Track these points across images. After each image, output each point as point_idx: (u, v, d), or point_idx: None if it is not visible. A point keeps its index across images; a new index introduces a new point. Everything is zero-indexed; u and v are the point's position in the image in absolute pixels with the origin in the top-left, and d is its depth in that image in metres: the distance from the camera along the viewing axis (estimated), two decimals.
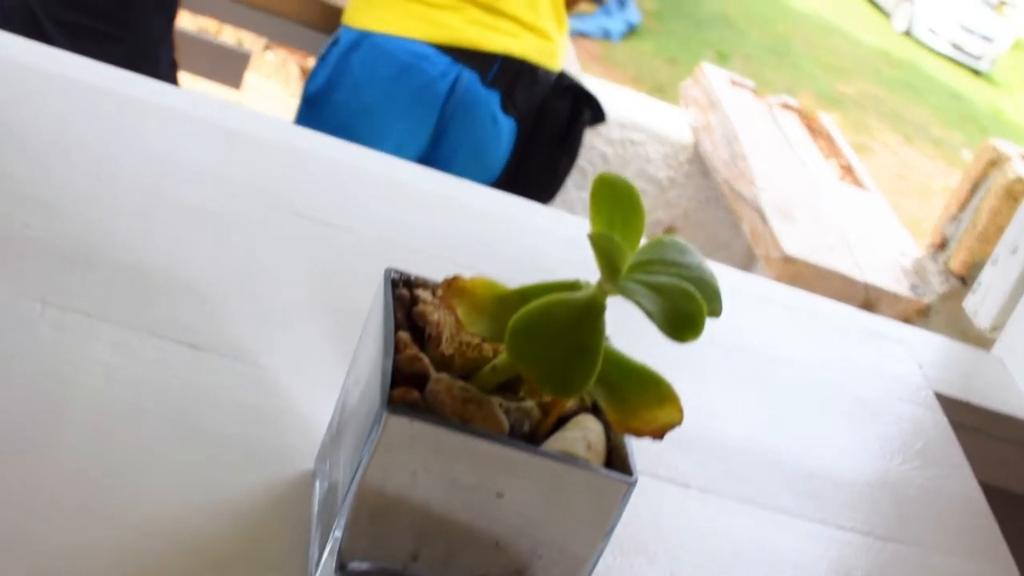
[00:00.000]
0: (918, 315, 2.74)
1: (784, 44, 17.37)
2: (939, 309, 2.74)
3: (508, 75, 2.39)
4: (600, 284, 0.63)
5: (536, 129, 2.54)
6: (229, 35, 4.48)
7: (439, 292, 0.69)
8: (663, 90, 13.35)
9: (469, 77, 2.35)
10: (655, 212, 3.29)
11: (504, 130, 2.46)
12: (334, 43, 2.43)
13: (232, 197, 1.00)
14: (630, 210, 0.65)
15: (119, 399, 0.75)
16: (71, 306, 0.80)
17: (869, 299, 2.67)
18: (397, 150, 2.31)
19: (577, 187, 3.20)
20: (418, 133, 2.39)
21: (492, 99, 2.40)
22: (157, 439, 0.73)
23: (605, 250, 0.62)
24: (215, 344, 0.83)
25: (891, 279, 2.77)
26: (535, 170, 2.55)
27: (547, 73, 2.47)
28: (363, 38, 2.34)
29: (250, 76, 4.84)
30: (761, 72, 15.62)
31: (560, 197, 3.11)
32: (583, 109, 2.59)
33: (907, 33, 21.12)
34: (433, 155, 2.41)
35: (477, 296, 0.66)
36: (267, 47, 5.27)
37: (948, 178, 14.75)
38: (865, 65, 18.04)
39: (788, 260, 2.53)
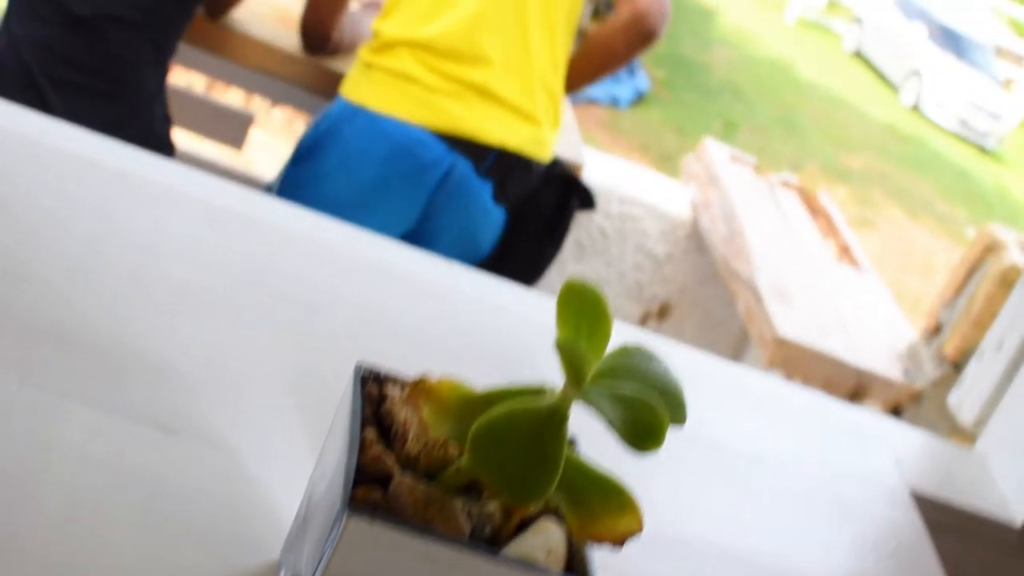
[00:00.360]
0: (910, 400, 2.74)
1: (792, 116, 17.43)
2: (931, 395, 2.74)
3: (503, 167, 2.39)
4: (564, 391, 0.63)
5: (525, 217, 2.54)
6: (236, 94, 4.50)
7: (407, 390, 0.69)
8: (669, 159, 13.39)
9: (464, 166, 2.35)
10: (651, 287, 3.29)
11: (494, 219, 2.46)
12: (330, 110, 2.44)
13: (215, 276, 1.00)
14: (597, 318, 0.66)
15: (88, 483, 0.75)
16: (48, 385, 0.81)
17: (861, 383, 2.67)
18: (381, 225, 2.31)
19: (575, 260, 3.21)
20: (405, 213, 2.39)
21: (485, 189, 2.40)
22: (124, 525, 0.74)
23: (570, 358, 0.62)
24: (188, 429, 0.83)
25: (884, 363, 2.77)
26: (521, 256, 2.56)
27: (540, 164, 2.47)
28: (360, 112, 2.35)
29: (256, 133, 4.86)
30: (768, 143, 15.68)
31: (556, 270, 3.12)
32: (572, 198, 2.60)
33: (915, 108, 21.20)
34: (418, 233, 2.41)
35: (443, 398, 0.67)
36: (274, 104, 5.30)
37: (951, 255, 14.76)
38: (872, 139, 18.10)
39: (781, 342, 2.54)
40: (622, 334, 0.87)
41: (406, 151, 2.32)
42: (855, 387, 2.67)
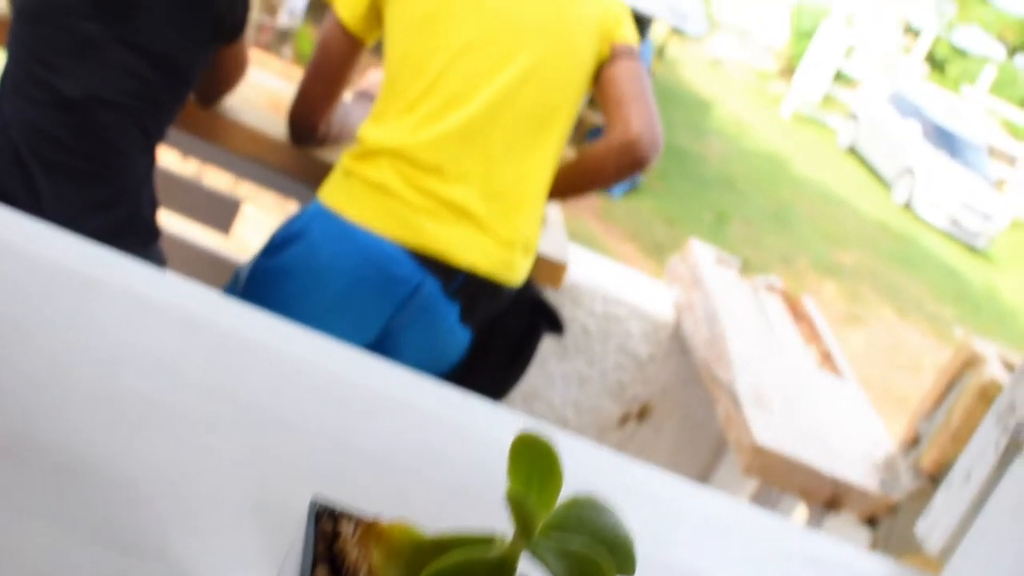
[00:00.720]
0: (886, 511, 2.74)
1: (785, 210, 17.51)
2: (907, 507, 2.74)
3: (471, 289, 2.38)
4: (513, 543, 0.64)
5: (491, 338, 2.54)
6: (226, 177, 4.51)
7: (359, 531, 0.70)
8: (660, 249, 13.44)
9: (432, 285, 2.34)
10: (633, 387, 3.29)
11: (460, 338, 2.46)
12: (307, 210, 2.44)
13: (182, 391, 1.00)
14: (548, 470, 0.66)
15: None
16: (6, 502, 0.81)
17: (837, 493, 2.67)
18: (345, 332, 2.30)
19: (558, 358, 3.22)
20: (370, 324, 2.38)
21: (452, 310, 2.39)
22: None
23: (520, 511, 0.63)
24: (146, 551, 0.83)
25: (861, 473, 2.77)
26: (486, 374, 2.55)
27: (510, 288, 2.47)
28: (334, 219, 2.33)
29: (249, 209, 4.87)
30: (760, 236, 15.74)
31: (537, 369, 3.13)
32: (541, 322, 2.60)
33: (907, 206, 21.30)
34: (383, 344, 2.40)
35: (394, 541, 0.67)
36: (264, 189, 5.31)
37: (939, 354, 14.77)
38: (864, 235, 18.18)
39: (758, 450, 2.54)
40: (596, 448, 0.88)
41: (375, 264, 2.31)
42: (831, 496, 2.67)
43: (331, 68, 2.58)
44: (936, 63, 26.84)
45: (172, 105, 2.47)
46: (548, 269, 2.88)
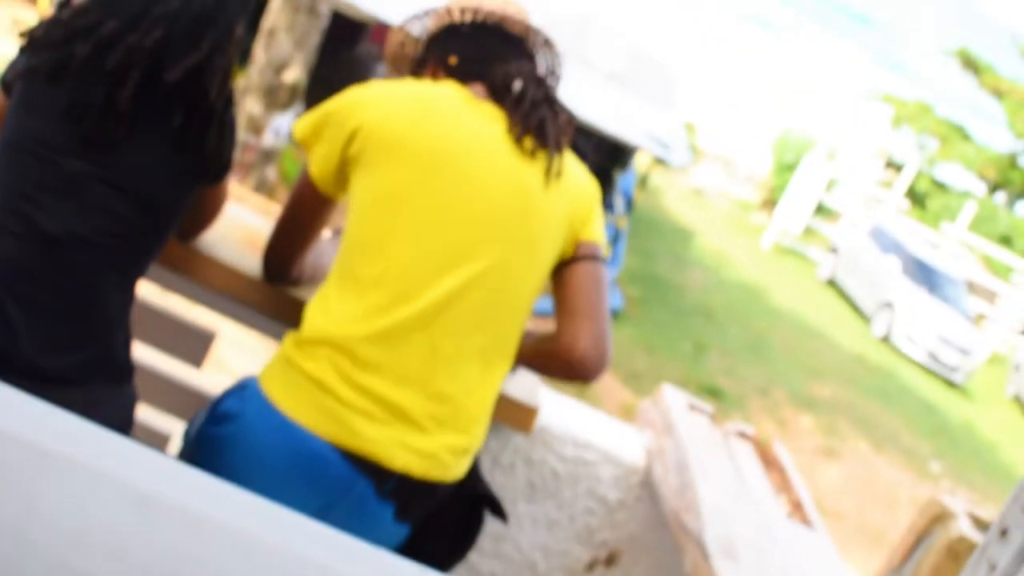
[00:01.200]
0: None
1: (762, 341, 17.58)
2: None
3: (406, 490, 2.32)
4: None
5: (429, 529, 2.48)
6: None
7: None
8: (638, 378, 13.47)
9: (365, 487, 2.28)
10: (602, 532, 3.28)
11: (395, 534, 2.37)
12: (249, 388, 2.39)
13: (135, 571, 1.00)
14: None
15: None
16: None
17: None
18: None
19: (526, 500, 3.20)
20: (300, 508, 2.33)
21: (386, 510, 2.31)
22: None
23: None
24: None
25: None
26: (427, 556, 2.49)
27: (447, 485, 2.42)
28: (269, 409, 2.30)
29: (228, 327, 4.86)
30: (738, 367, 15.78)
31: (508, 509, 3.11)
32: (482, 510, 2.54)
33: (885, 339, 21.43)
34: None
35: None
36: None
37: (916, 489, 14.77)
38: (841, 368, 18.24)
39: None
40: None
41: (306, 463, 2.23)
42: None
43: (301, 221, 2.57)
44: (917, 197, 27.10)
45: (152, 246, 2.47)
46: (519, 413, 2.86)
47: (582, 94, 15.94)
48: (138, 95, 2.35)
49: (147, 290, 2.65)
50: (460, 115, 2.37)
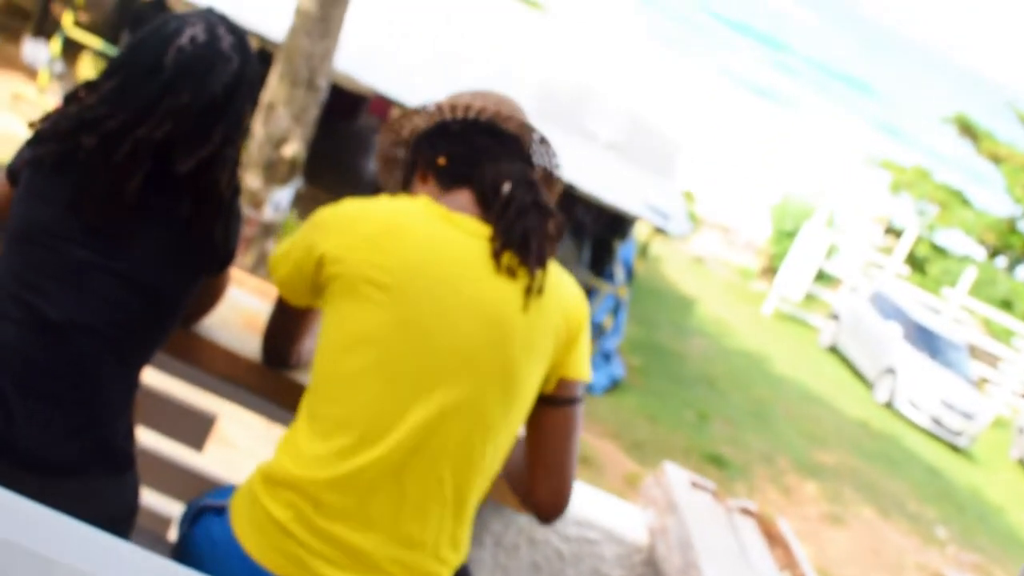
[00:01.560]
0: None
1: (765, 409, 17.55)
2: None
3: None
4: None
5: None
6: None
7: None
8: (641, 447, 13.45)
9: None
10: None
11: None
12: (214, 509, 2.37)
13: None
14: None
15: None
16: None
17: None
18: None
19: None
20: None
21: None
22: None
23: None
24: None
25: None
26: None
27: None
28: (235, 545, 2.26)
29: (232, 409, 4.84)
30: (741, 436, 15.74)
31: None
32: None
33: (888, 405, 21.40)
34: None
35: None
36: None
37: (922, 555, 14.71)
38: (844, 435, 18.20)
39: None
40: None
41: None
42: None
43: (288, 325, 2.57)
44: (917, 263, 27.14)
45: (156, 336, 2.46)
46: None
47: (581, 165, 16.01)
48: (145, 184, 2.36)
49: (147, 373, 2.64)
50: (430, 238, 2.28)
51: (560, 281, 2.35)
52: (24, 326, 2.32)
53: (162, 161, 2.36)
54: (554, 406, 2.35)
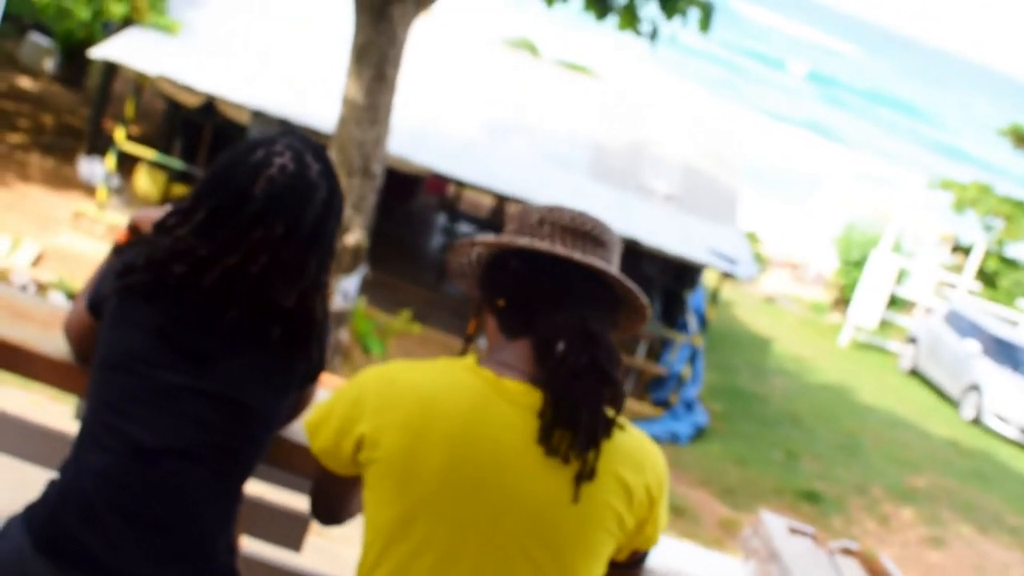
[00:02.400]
0: None
1: (853, 440, 17.45)
2: None
3: None
4: None
5: None
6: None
7: None
8: (732, 492, 13.43)
9: None
10: None
11: None
12: None
13: None
14: None
15: None
16: None
17: None
18: None
19: None
20: None
21: None
22: None
23: None
24: None
25: None
26: None
27: None
28: None
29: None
30: (831, 470, 15.67)
31: None
32: None
33: (976, 422, 21.18)
34: None
35: None
36: None
37: None
38: (935, 456, 18.04)
39: None
40: None
41: None
42: None
43: (334, 492, 2.41)
44: (987, 278, 26.89)
45: (252, 454, 2.44)
46: None
47: (643, 219, 16.08)
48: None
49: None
50: (473, 423, 2.12)
51: (622, 451, 2.17)
52: (120, 454, 2.32)
53: (256, 289, 2.37)
54: (622, 570, 2.26)
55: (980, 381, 21.20)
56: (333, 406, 2.25)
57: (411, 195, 21.80)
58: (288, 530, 3.17)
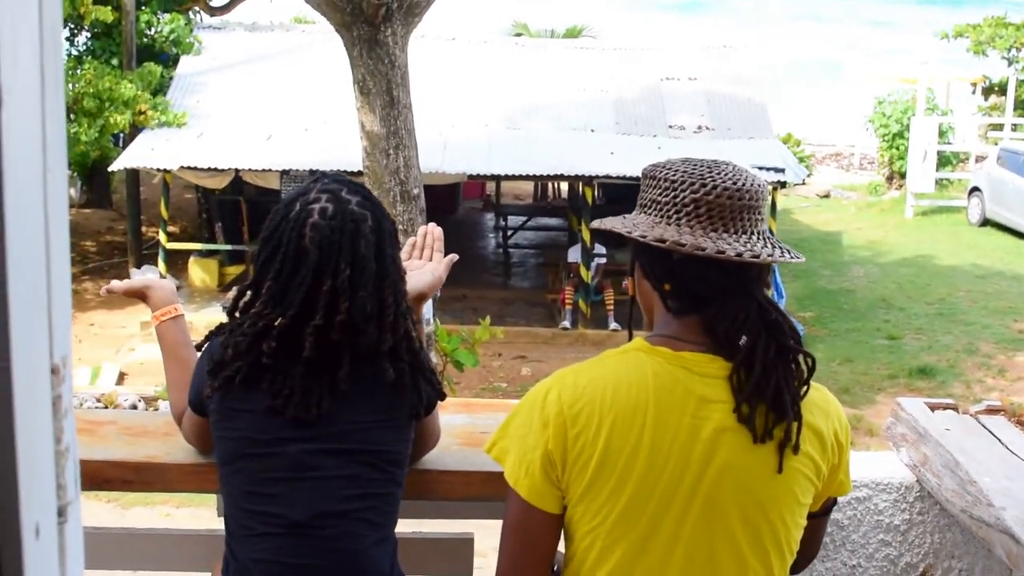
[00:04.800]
0: None
1: (947, 305, 17.33)
2: None
3: None
4: None
5: None
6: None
7: None
8: (848, 391, 13.32)
9: None
10: (903, 558, 3.27)
11: None
12: None
13: None
14: None
15: None
16: None
17: None
18: None
19: (820, 560, 3.21)
20: None
21: None
22: None
23: None
24: None
25: None
26: None
27: None
28: None
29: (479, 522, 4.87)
30: (936, 341, 15.55)
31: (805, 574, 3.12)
32: None
33: None
34: None
35: None
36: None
37: None
38: None
39: None
40: None
41: None
42: None
43: (533, 554, 2.17)
44: None
45: (394, 491, 2.46)
46: None
47: (682, 156, 16.01)
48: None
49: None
50: (666, 399, 2.06)
51: (809, 400, 2.12)
52: (274, 536, 2.35)
53: (350, 337, 2.36)
54: (816, 518, 2.26)
55: None
56: (519, 440, 2.14)
57: (452, 205, 21.88)
58: (456, 556, 3.15)
